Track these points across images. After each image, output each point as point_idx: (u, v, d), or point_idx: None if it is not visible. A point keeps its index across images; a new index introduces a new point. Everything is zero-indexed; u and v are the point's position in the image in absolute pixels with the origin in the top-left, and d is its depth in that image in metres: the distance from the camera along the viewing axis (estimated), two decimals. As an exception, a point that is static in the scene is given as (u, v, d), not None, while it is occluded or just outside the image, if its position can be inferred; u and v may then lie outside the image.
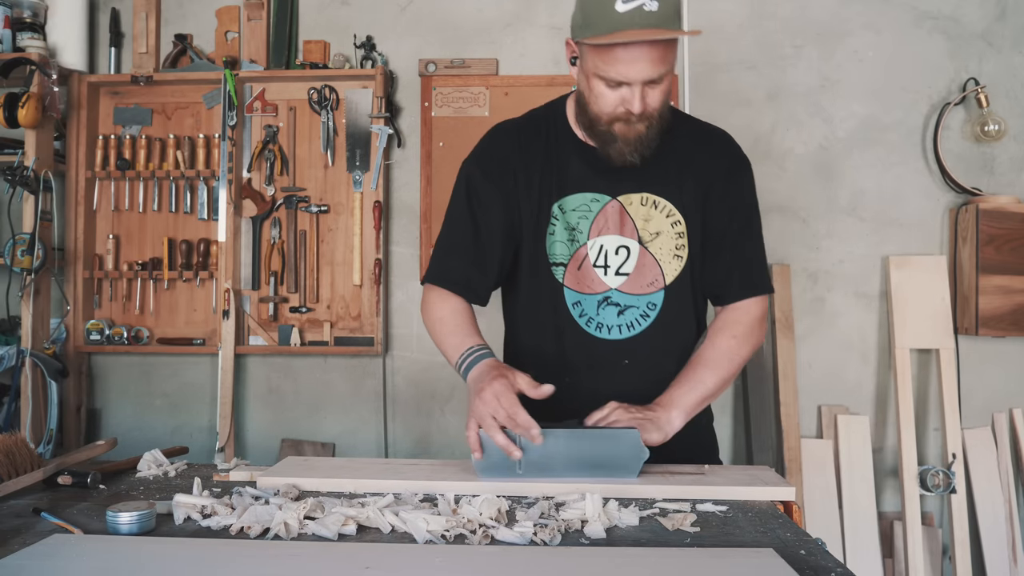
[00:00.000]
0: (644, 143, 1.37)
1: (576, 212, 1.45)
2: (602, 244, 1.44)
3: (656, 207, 1.45)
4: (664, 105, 1.36)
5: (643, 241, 1.44)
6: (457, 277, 1.47)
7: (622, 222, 1.44)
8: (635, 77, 1.30)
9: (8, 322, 2.73)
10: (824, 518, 2.63)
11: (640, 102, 1.32)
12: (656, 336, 1.45)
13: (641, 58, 1.28)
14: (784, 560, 0.89)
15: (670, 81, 1.35)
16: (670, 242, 1.45)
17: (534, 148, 1.49)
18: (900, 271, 2.71)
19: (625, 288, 1.45)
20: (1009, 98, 2.75)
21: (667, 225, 1.45)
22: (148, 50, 2.86)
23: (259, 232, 2.81)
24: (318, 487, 1.23)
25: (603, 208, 1.44)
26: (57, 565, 0.88)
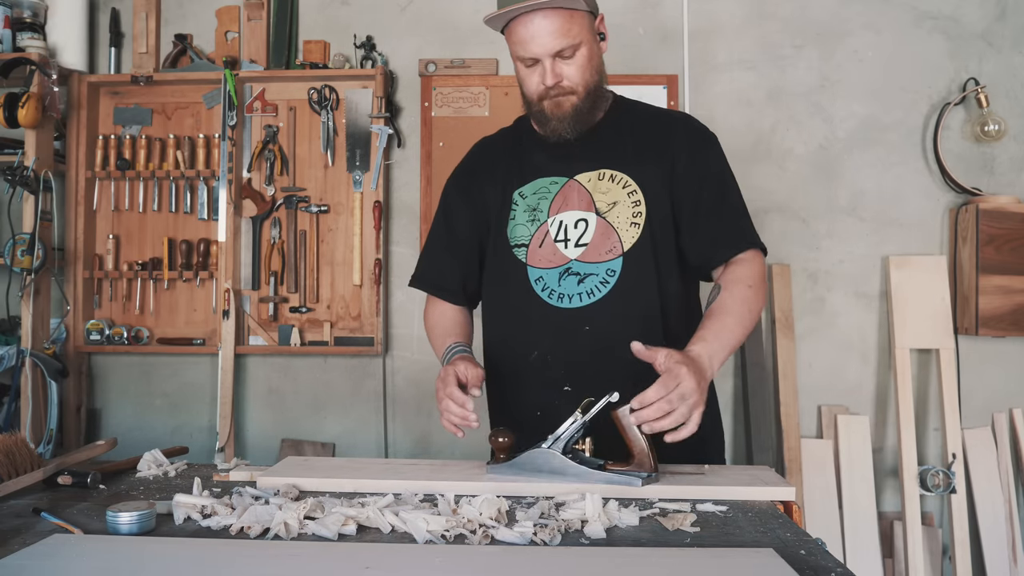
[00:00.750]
0: (576, 117, 1.47)
1: (536, 195, 1.54)
2: (562, 220, 1.50)
3: (613, 180, 1.51)
4: (586, 78, 1.45)
5: (600, 212, 1.49)
6: (431, 280, 1.67)
7: (579, 198, 1.51)
8: (538, 51, 1.41)
9: (8, 322, 2.73)
10: (824, 518, 2.63)
11: (552, 75, 1.43)
12: (615, 302, 1.47)
13: (540, 32, 1.39)
14: (784, 560, 0.89)
15: (588, 55, 1.45)
16: (627, 210, 1.48)
17: (502, 151, 1.63)
18: (900, 271, 2.71)
19: (584, 258, 1.49)
20: (1009, 98, 2.75)
21: (623, 195, 1.49)
22: (148, 50, 2.86)
23: (259, 232, 2.81)
24: (318, 487, 1.23)
25: (561, 188, 1.52)
26: (57, 565, 0.88)
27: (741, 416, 2.76)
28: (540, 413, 1.48)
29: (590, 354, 1.46)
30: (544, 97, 1.46)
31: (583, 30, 1.43)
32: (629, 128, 1.54)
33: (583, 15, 1.43)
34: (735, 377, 2.78)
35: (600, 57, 1.51)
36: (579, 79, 1.45)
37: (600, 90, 1.51)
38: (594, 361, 1.45)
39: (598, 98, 1.50)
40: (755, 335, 2.73)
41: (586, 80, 1.46)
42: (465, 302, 1.67)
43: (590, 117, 1.50)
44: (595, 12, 1.49)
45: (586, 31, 1.44)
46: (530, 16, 1.39)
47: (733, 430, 2.78)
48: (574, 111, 1.46)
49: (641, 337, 1.39)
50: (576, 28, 1.41)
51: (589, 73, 1.46)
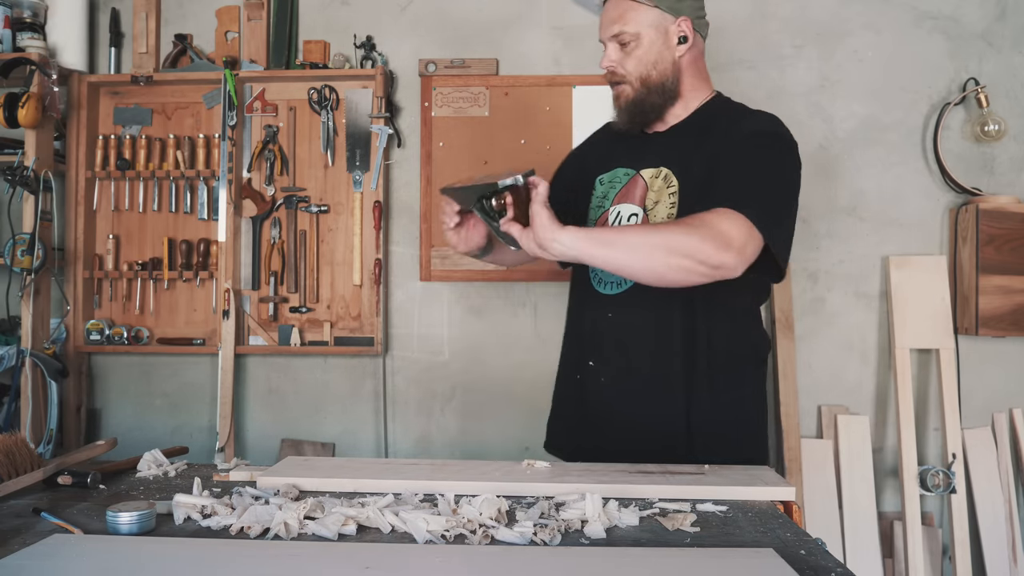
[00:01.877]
0: (630, 109, 1.55)
1: (609, 184, 1.62)
2: (619, 211, 1.58)
3: (666, 180, 1.55)
4: (640, 71, 1.52)
5: (646, 209, 1.55)
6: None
7: (640, 192, 1.57)
8: (601, 34, 1.54)
9: (8, 322, 2.73)
10: (824, 518, 2.63)
11: (606, 58, 1.53)
12: (636, 295, 1.53)
13: (605, 15, 1.53)
14: (784, 560, 0.89)
15: (647, 48, 1.51)
16: (664, 211, 1.53)
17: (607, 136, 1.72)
18: (900, 271, 2.71)
19: None
20: (1009, 98, 2.75)
21: (665, 195, 1.54)
22: (148, 50, 2.86)
23: (259, 232, 2.81)
24: (318, 487, 1.23)
25: (630, 180, 1.59)
26: (57, 565, 0.88)
27: (741, 416, 2.76)
28: (579, 377, 1.64)
29: (611, 340, 1.58)
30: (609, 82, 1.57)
31: (643, 24, 1.50)
32: (706, 129, 1.54)
33: (649, 10, 1.50)
34: (735, 377, 2.78)
35: (666, 56, 1.53)
36: (632, 69, 1.52)
37: (663, 87, 1.54)
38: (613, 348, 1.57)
39: (660, 95, 1.54)
40: (755, 335, 2.73)
41: (640, 73, 1.52)
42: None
43: (649, 112, 1.55)
44: (674, 12, 1.52)
45: (648, 26, 1.50)
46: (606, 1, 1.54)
47: (733, 430, 2.77)
48: (628, 103, 1.54)
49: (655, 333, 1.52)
50: (636, 19, 1.49)
51: (644, 67, 1.52)
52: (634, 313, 1.55)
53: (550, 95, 2.75)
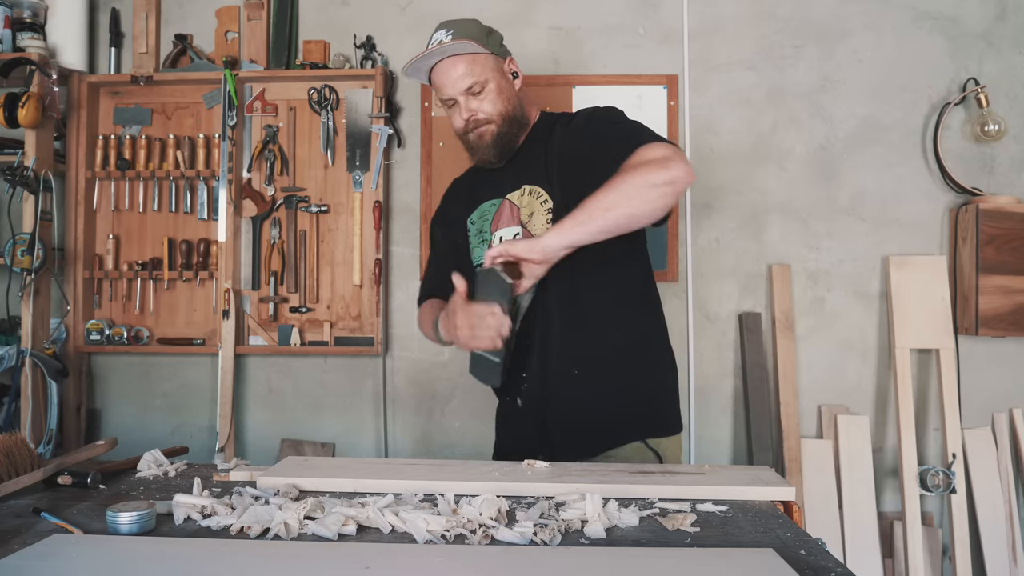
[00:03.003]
0: (497, 143, 1.68)
1: (481, 219, 1.74)
2: (501, 235, 1.69)
3: (532, 194, 1.66)
4: (500, 109, 1.66)
5: (523, 224, 1.66)
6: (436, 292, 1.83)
7: (512, 214, 1.68)
8: (451, 92, 1.66)
9: (8, 322, 2.73)
10: (824, 518, 2.63)
11: (466, 109, 1.66)
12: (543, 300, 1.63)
13: (449, 76, 1.65)
14: (784, 560, 0.89)
15: (498, 89, 1.66)
16: (541, 218, 1.63)
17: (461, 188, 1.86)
18: (900, 271, 2.71)
19: None
20: (1009, 98, 2.76)
21: (537, 205, 1.65)
22: (148, 50, 2.86)
23: (259, 232, 2.81)
24: (318, 487, 1.23)
25: (498, 208, 1.71)
26: (57, 565, 0.88)
27: (741, 416, 2.76)
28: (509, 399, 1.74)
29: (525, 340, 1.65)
30: (467, 130, 1.68)
31: (487, 69, 1.65)
32: (542, 140, 1.70)
33: (486, 57, 1.66)
34: (735, 377, 2.79)
35: (512, 91, 1.70)
36: (492, 110, 1.65)
37: (518, 118, 1.69)
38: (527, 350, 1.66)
39: (516, 124, 1.69)
40: (755, 335, 2.73)
41: (500, 110, 1.66)
42: None
43: (511, 142, 1.69)
44: (502, 55, 1.71)
45: (491, 70, 1.66)
46: (441, 65, 1.66)
47: (733, 430, 2.78)
48: (494, 139, 1.67)
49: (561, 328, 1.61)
50: (479, 68, 1.64)
51: (502, 104, 1.66)
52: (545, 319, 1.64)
53: (550, 95, 2.75)
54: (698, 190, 2.77)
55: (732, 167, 2.79)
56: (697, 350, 2.77)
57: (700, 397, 2.77)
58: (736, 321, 2.78)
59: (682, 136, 2.77)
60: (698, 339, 2.77)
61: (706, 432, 2.77)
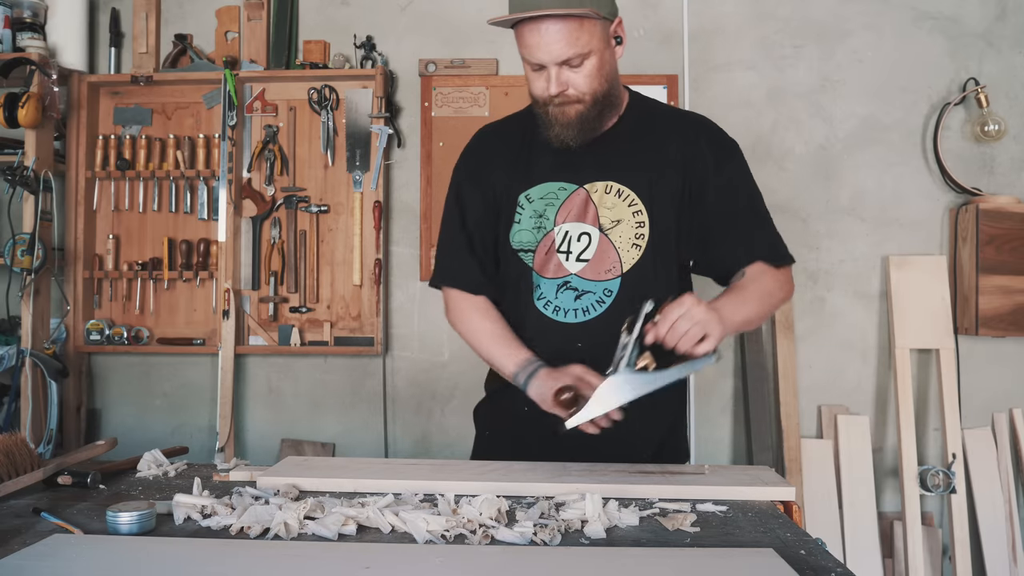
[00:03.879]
0: (581, 125, 1.42)
1: (543, 200, 1.49)
2: (567, 231, 1.48)
3: (620, 195, 1.48)
4: (594, 87, 1.40)
5: (603, 228, 1.47)
6: (472, 278, 1.54)
7: (586, 210, 1.48)
8: (545, 58, 1.36)
9: (8, 322, 2.73)
10: (824, 518, 2.63)
11: (556, 84, 1.38)
12: (610, 322, 1.42)
13: (548, 40, 1.34)
14: (784, 560, 0.89)
15: (599, 64, 1.39)
16: (630, 231, 1.47)
17: (510, 145, 1.56)
18: (900, 271, 2.71)
19: (584, 274, 1.47)
20: (1009, 98, 2.75)
21: (628, 213, 1.47)
22: (148, 50, 2.86)
23: (259, 232, 2.81)
24: (318, 487, 1.23)
25: (570, 196, 1.48)
26: (57, 565, 0.88)
27: (741, 416, 2.76)
28: (528, 409, 1.45)
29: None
30: (549, 103, 1.42)
31: (594, 38, 1.37)
32: (643, 135, 1.50)
33: (595, 23, 1.36)
34: (735, 377, 2.78)
35: (613, 64, 1.44)
36: (586, 88, 1.39)
37: (610, 97, 1.45)
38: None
39: (607, 106, 1.45)
40: (755, 335, 2.73)
41: (594, 89, 1.40)
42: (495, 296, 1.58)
43: (596, 125, 1.45)
44: (612, 17, 1.41)
45: (597, 39, 1.37)
46: (539, 22, 1.34)
47: (733, 430, 2.78)
48: (579, 119, 1.42)
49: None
50: (586, 37, 1.35)
51: (598, 82, 1.40)
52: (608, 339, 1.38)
53: (550, 95, 2.75)
54: (698, 190, 2.77)
55: (732, 167, 2.78)
56: (697, 350, 2.77)
57: (700, 397, 2.76)
58: (736, 321, 2.78)
59: (682, 136, 2.76)
60: (698, 339, 2.77)
61: (706, 432, 2.77)
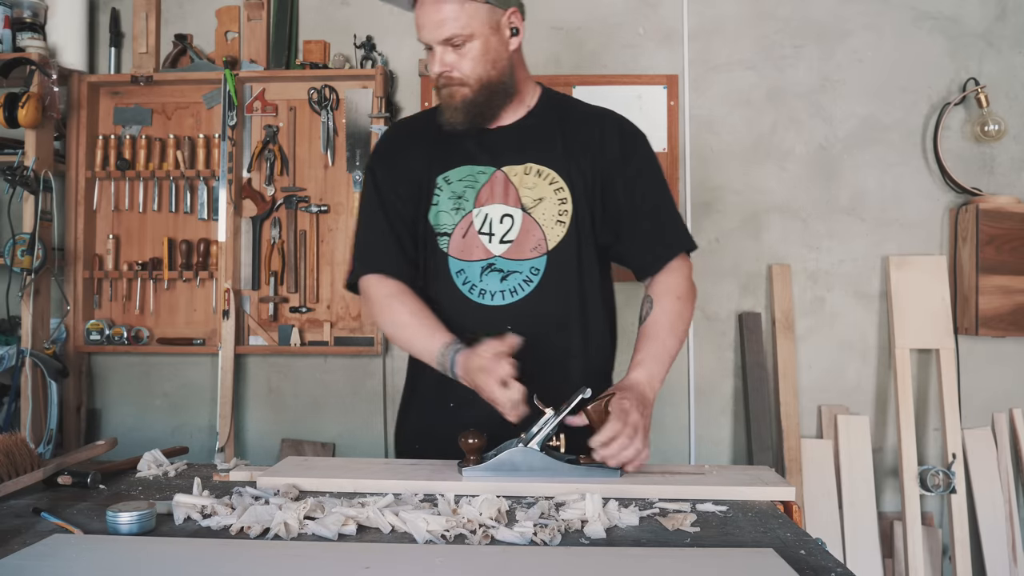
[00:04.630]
0: (467, 110, 1.43)
1: (462, 183, 1.50)
2: (487, 213, 1.48)
3: (540, 175, 1.49)
4: (479, 72, 1.41)
5: (526, 208, 1.48)
6: (381, 261, 1.53)
7: (506, 191, 1.48)
8: (428, 37, 1.41)
9: (8, 322, 2.73)
10: (824, 518, 2.63)
11: (439, 63, 1.41)
12: (538, 301, 1.46)
13: (429, 19, 1.39)
14: (784, 560, 0.89)
15: (483, 48, 1.41)
16: (553, 207, 1.48)
17: (423, 133, 1.56)
18: (900, 271, 2.71)
19: (509, 255, 1.48)
20: (1009, 98, 2.75)
21: (550, 191, 1.48)
22: (148, 50, 2.86)
23: (259, 232, 2.81)
24: (318, 487, 1.23)
25: (489, 179, 1.49)
26: (57, 565, 0.88)
27: (741, 416, 2.76)
28: (453, 405, 1.47)
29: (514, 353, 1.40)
30: (440, 85, 1.45)
31: (475, 21, 1.39)
32: (558, 123, 1.53)
33: (479, 6, 1.38)
34: (735, 377, 2.78)
35: (502, 52, 1.44)
36: (470, 71, 1.41)
37: (501, 85, 1.46)
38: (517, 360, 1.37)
39: (496, 93, 1.46)
40: (755, 335, 2.73)
41: (479, 74, 1.42)
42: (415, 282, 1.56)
43: (486, 112, 1.46)
44: (501, 5, 1.42)
45: (481, 23, 1.39)
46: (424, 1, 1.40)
47: (733, 430, 2.78)
48: (464, 104, 1.43)
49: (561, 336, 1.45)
50: (466, 18, 1.38)
51: (483, 67, 1.42)
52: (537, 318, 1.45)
53: (550, 95, 2.75)
54: (698, 190, 2.77)
55: (732, 167, 2.79)
56: (697, 350, 2.77)
57: (700, 397, 2.77)
58: (736, 321, 2.78)
59: (682, 136, 2.77)
60: (698, 339, 2.77)
61: (706, 432, 2.77)
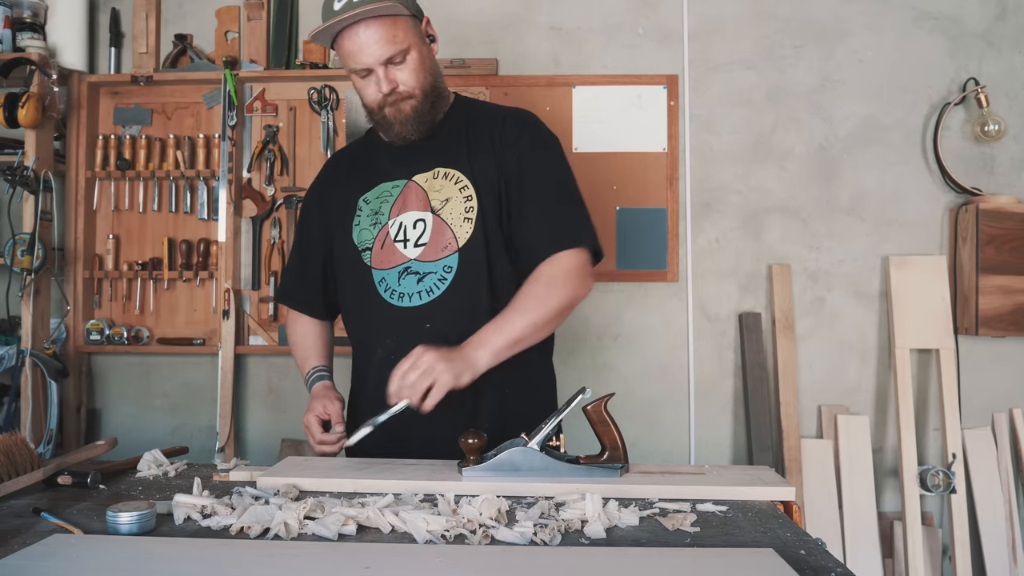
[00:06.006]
0: (418, 118, 1.51)
1: (379, 199, 1.59)
2: (401, 221, 1.55)
3: (447, 177, 1.56)
4: (421, 80, 1.50)
5: (435, 210, 1.54)
6: (292, 294, 1.75)
7: (417, 199, 1.56)
8: (368, 61, 1.45)
9: (8, 322, 2.73)
10: (824, 518, 2.63)
11: (386, 82, 1.47)
12: (453, 298, 1.52)
13: (367, 42, 1.44)
14: (784, 560, 0.89)
15: (420, 58, 1.49)
16: (459, 206, 1.53)
17: (351, 160, 1.69)
18: (900, 271, 2.71)
19: (423, 256, 1.53)
20: (1009, 98, 2.75)
21: (455, 191, 1.54)
22: (148, 50, 2.86)
23: (259, 232, 2.81)
24: (318, 487, 1.23)
25: (402, 191, 1.57)
26: (57, 565, 0.88)
27: (741, 416, 2.76)
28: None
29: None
30: (383, 105, 1.50)
31: (409, 34, 1.47)
32: (466, 125, 1.59)
33: (406, 20, 1.47)
34: (735, 377, 2.78)
35: (432, 58, 1.55)
36: (414, 82, 1.49)
37: (438, 90, 1.55)
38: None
39: (437, 98, 1.55)
40: (755, 335, 2.73)
41: (421, 82, 1.50)
42: (324, 314, 1.75)
43: (432, 117, 1.54)
44: (419, 16, 1.53)
45: (412, 35, 1.48)
46: (354, 28, 1.44)
47: (733, 430, 2.78)
48: (415, 113, 1.51)
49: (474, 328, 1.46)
50: (401, 33, 1.45)
51: (423, 75, 1.50)
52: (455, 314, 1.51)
53: (550, 95, 2.75)
54: (698, 190, 2.77)
55: (732, 167, 2.79)
56: (697, 350, 2.77)
57: (700, 397, 2.77)
58: (736, 321, 2.78)
59: (682, 136, 2.77)
60: (698, 339, 2.77)
61: (706, 432, 2.77)
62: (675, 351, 2.79)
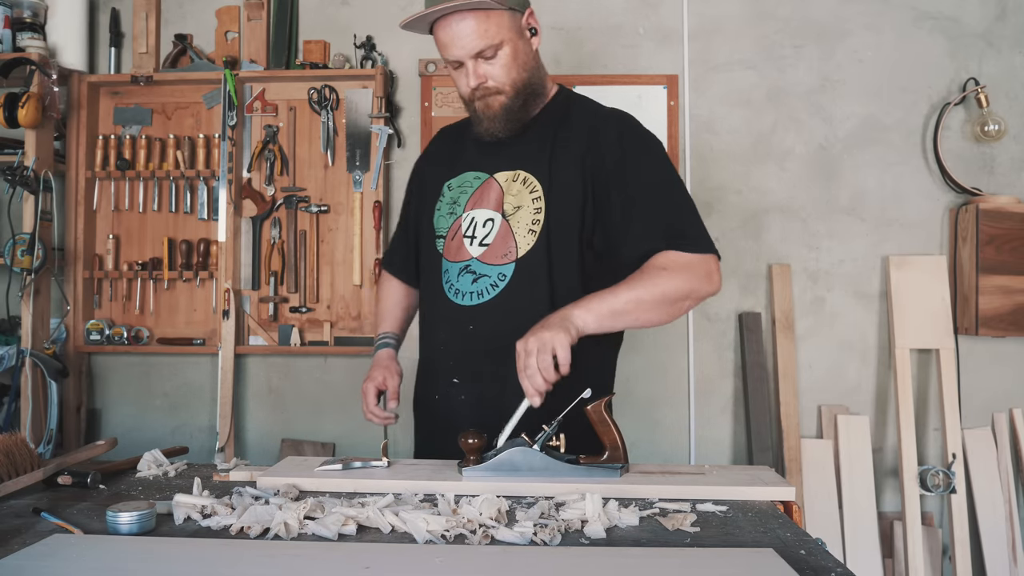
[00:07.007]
0: (507, 115, 1.48)
1: (459, 188, 1.58)
2: (474, 216, 1.53)
3: (524, 183, 1.51)
4: (513, 77, 1.46)
5: (506, 215, 1.50)
6: (391, 260, 1.80)
7: (494, 197, 1.53)
8: (459, 53, 1.43)
9: (8, 322, 2.73)
10: (824, 518, 2.63)
11: (474, 76, 1.44)
12: (501, 306, 1.48)
13: (457, 35, 1.41)
14: (784, 560, 0.89)
15: (513, 53, 1.45)
16: (528, 216, 1.49)
17: (453, 139, 1.69)
18: (900, 271, 2.71)
19: (484, 258, 1.51)
20: (1009, 98, 2.75)
21: (528, 200, 1.50)
22: (148, 50, 2.86)
23: (259, 232, 2.81)
24: (318, 487, 1.23)
25: (482, 184, 1.55)
26: (57, 565, 0.88)
27: (741, 416, 2.76)
28: (438, 397, 1.60)
29: (475, 353, 1.50)
30: (473, 98, 1.49)
31: (503, 29, 1.43)
32: (558, 125, 1.53)
33: (502, 13, 1.42)
34: (735, 377, 2.78)
35: (529, 53, 1.49)
36: (505, 78, 1.45)
37: (532, 86, 1.50)
38: (479, 360, 1.49)
39: (530, 95, 1.50)
40: (755, 335, 2.73)
41: (513, 78, 1.46)
42: (416, 282, 1.75)
43: (523, 115, 1.50)
44: (520, 8, 1.47)
45: (507, 29, 1.43)
46: (448, 20, 1.41)
47: (733, 430, 2.78)
48: (503, 110, 1.48)
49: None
50: (494, 28, 1.41)
51: (516, 71, 1.46)
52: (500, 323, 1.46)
53: (550, 95, 2.75)
54: (698, 190, 2.77)
55: (732, 167, 2.79)
56: (697, 350, 2.77)
57: (700, 397, 2.77)
58: (736, 321, 2.78)
59: (682, 136, 2.77)
60: (698, 339, 2.77)
61: (706, 432, 2.77)
62: (675, 351, 2.79)
